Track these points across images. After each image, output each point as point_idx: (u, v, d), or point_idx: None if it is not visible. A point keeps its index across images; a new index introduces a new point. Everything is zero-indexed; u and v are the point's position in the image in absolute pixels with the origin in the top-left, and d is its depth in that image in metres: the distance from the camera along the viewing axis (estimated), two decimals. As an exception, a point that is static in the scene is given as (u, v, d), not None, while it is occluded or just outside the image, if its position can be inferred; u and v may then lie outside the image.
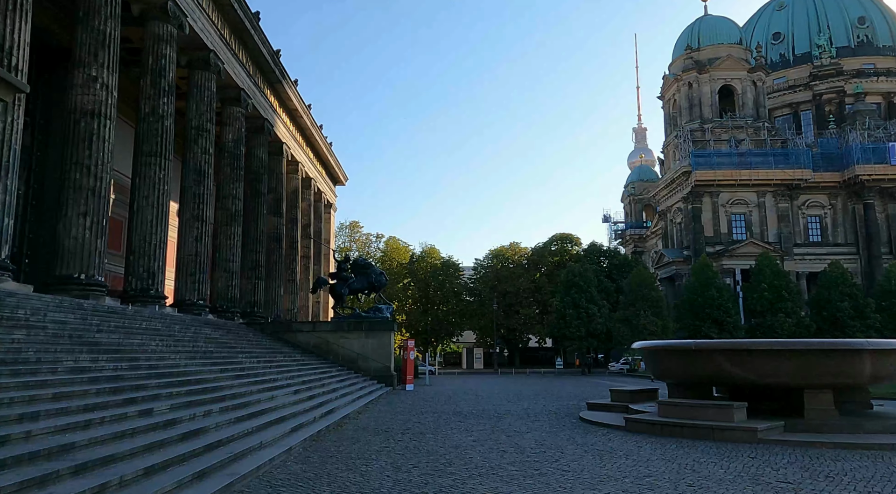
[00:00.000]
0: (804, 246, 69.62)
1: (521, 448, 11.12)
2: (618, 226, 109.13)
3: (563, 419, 15.93)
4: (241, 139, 31.38)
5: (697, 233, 68.86)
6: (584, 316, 52.59)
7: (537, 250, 73.67)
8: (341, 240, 79.86)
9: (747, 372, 12.92)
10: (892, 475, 8.50)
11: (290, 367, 21.23)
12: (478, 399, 23.73)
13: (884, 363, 12.68)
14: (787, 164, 68.56)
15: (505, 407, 19.62)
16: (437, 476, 8.59)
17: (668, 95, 78.63)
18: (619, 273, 63.37)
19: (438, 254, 76.09)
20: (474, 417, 16.66)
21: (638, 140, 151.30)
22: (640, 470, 8.84)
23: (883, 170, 67.25)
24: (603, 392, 27.17)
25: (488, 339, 71.42)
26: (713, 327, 50.72)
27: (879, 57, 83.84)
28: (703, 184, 68.62)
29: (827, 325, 50.65)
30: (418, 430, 13.84)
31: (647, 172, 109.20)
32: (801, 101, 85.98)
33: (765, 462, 9.45)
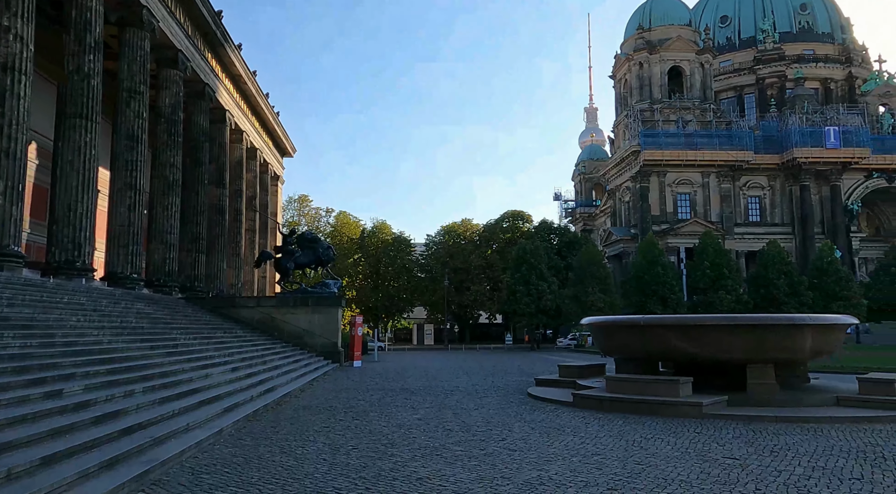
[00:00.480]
0: (744, 225, 72.04)
1: (468, 426, 10.76)
2: (568, 205, 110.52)
3: (512, 395, 15.73)
4: (180, 104, 29.61)
5: (644, 211, 70.22)
6: (534, 293, 52.99)
7: (489, 227, 73.72)
8: (290, 214, 77.85)
9: (694, 347, 12.92)
10: (832, 449, 8.52)
11: (230, 344, 20.31)
12: (426, 375, 23.41)
13: (823, 338, 12.89)
14: (731, 146, 70.37)
15: (453, 384, 19.33)
16: (377, 458, 8.11)
17: (620, 75, 79.26)
18: (569, 250, 64.09)
19: (390, 230, 75.22)
20: (421, 394, 16.28)
21: (589, 119, 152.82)
22: (587, 448, 8.59)
23: (819, 154, 69.85)
24: (551, 367, 27.33)
25: (439, 316, 71.41)
26: (658, 303, 51.97)
27: (819, 43, 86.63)
28: (651, 164, 69.80)
29: (764, 302, 52.63)
30: (362, 408, 13.34)
31: (598, 151, 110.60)
32: (745, 84, 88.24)
33: (710, 438, 9.37)
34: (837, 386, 14.16)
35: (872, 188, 73.77)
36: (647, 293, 52.71)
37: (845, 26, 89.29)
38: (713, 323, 12.82)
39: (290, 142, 53.32)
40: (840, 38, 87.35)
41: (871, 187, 73.69)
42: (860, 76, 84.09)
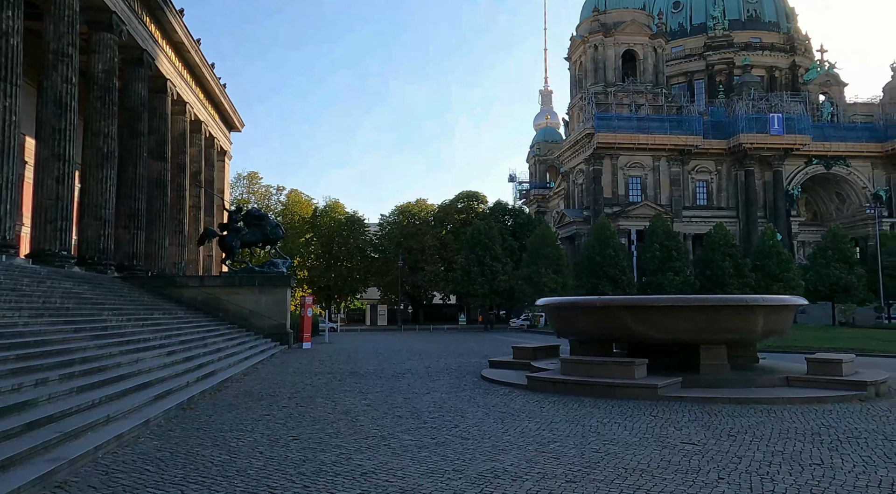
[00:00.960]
0: (692, 208, 73.74)
1: (419, 411, 10.25)
2: (523, 186, 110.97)
3: (465, 377, 15.32)
4: (114, 70, 27.63)
5: (597, 194, 70.97)
6: (488, 274, 52.92)
7: (444, 207, 73.16)
8: (238, 192, 75.28)
9: (650, 329, 12.75)
10: (788, 431, 8.39)
11: (168, 326, 19.17)
12: (378, 357, 22.82)
13: (774, 318, 12.92)
14: (681, 131, 71.59)
15: (405, 366, 18.82)
16: (319, 450, 7.48)
17: (575, 57, 79.32)
18: (523, 231, 64.26)
19: (343, 209, 73.76)
20: (372, 377, 15.70)
21: (544, 102, 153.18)
22: (543, 435, 8.19)
23: (763, 140, 71.85)
24: (505, 348, 27.14)
25: (393, 296, 70.78)
26: (609, 284, 52.72)
27: (765, 32, 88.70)
28: (604, 147, 70.40)
29: (710, 283, 54.11)
30: (308, 394, 12.65)
31: (552, 134, 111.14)
32: (695, 70, 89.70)
33: (667, 421, 9.14)
34: (785, 365, 14.32)
35: (812, 174, 76.57)
36: (599, 274, 53.40)
37: (790, 16, 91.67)
38: (668, 305, 12.67)
39: (237, 116, 51.15)
40: (785, 28, 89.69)
41: (810, 173, 76.48)
42: (803, 65, 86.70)
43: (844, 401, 10.81)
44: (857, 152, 75.49)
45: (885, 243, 59.05)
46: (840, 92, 79.44)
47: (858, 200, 77.11)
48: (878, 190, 75.47)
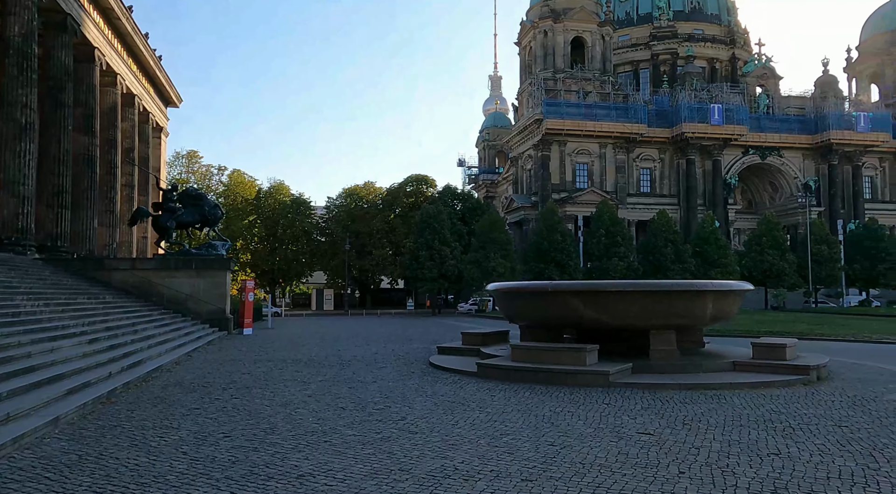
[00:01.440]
0: (636, 195, 75.33)
1: (364, 403, 9.67)
2: (472, 171, 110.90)
3: (413, 365, 14.82)
4: (33, 35, 25.43)
5: (545, 180, 71.45)
6: (436, 258, 52.49)
7: (392, 191, 72.10)
8: (177, 171, 71.99)
9: (601, 314, 12.54)
10: (740, 418, 8.27)
11: (93, 311, 17.82)
12: (323, 343, 22.04)
13: (723, 303, 12.95)
14: (627, 119, 72.71)
15: (351, 353, 18.16)
16: (252, 449, 6.81)
17: (525, 42, 79.20)
18: (472, 216, 64.07)
19: (288, 191, 71.62)
20: (315, 365, 14.99)
21: (493, 87, 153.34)
22: (496, 428, 7.77)
23: (704, 129, 73.83)
24: (453, 334, 26.78)
25: (339, 280, 69.50)
26: (556, 270, 53.23)
27: (707, 23, 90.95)
28: (552, 133, 70.81)
29: (652, 269, 55.41)
30: (245, 384, 11.86)
31: (502, 119, 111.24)
32: (640, 60, 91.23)
33: (620, 410, 8.90)
34: (730, 350, 14.45)
35: (748, 164, 79.43)
36: (547, 259, 53.82)
37: (731, 9, 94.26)
38: (620, 290, 12.49)
39: (174, 91, 48.51)
40: (726, 20, 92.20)
41: (746, 163, 79.29)
42: (742, 58, 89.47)
43: (789, 386, 10.89)
44: (789, 143, 78.71)
45: (814, 231, 61.89)
46: (776, 85, 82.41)
47: (790, 190, 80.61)
48: (808, 180, 79.06)
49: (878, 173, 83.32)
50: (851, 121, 78.00)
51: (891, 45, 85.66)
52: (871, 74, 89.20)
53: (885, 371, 13.09)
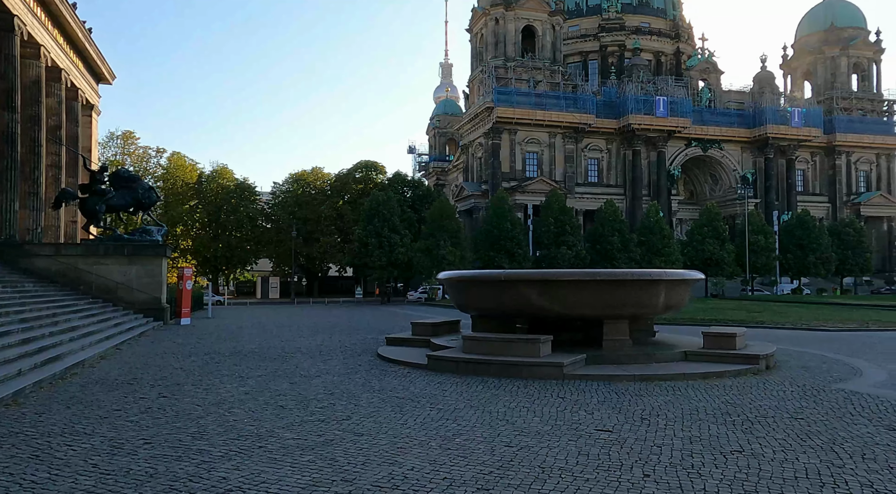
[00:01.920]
0: (584, 185, 76.31)
1: (306, 400, 9.01)
2: (422, 158, 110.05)
3: (360, 357, 14.18)
4: (-59, -3, 23.10)
5: (496, 168, 71.43)
6: (386, 246, 51.65)
7: (341, 177, 70.57)
8: (111, 152, 68.25)
9: (555, 304, 12.23)
10: (697, 411, 8.08)
11: (8, 301, 16.34)
12: (265, 334, 21.08)
13: (675, 293, 12.87)
14: (576, 109, 73.31)
15: (295, 344, 17.35)
16: (175, 458, 6.08)
17: (476, 29, 78.62)
18: (422, 204, 63.41)
19: (232, 176, 69.07)
20: (255, 358, 14.16)
21: (444, 75, 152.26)
22: (448, 426, 7.28)
23: (650, 121, 75.27)
24: (402, 323, 26.22)
25: (286, 268, 67.71)
26: (505, 258, 53.32)
27: (653, 17, 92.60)
28: (503, 121, 70.74)
29: (599, 257, 56.25)
30: (176, 380, 10.96)
31: (452, 106, 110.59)
32: (589, 51, 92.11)
33: (577, 404, 8.57)
34: (680, 339, 14.46)
35: (691, 156, 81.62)
36: (496, 247, 53.82)
37: (676, 3, 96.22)
38: (575, 279, 12.20)
39: (106, 66, 45.56)
40: (671, 15, 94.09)
41: (689, 155, 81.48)
42: (686, 52, 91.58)
43: (740, 375, 10.87)
44: (729, 137, 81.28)
45: (751, 222, 64.21)
46: (717, 79, 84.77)
47: (729, 181, 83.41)
48: (746, 172, 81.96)
49: (810, 167, 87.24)
50: (786, 116, 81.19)
51: (822, 44, 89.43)
52: (804, 72, 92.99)
53: (827, 358, 13.34)
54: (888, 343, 16.94)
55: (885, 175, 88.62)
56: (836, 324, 21.80)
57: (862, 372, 11.35)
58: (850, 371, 11.50)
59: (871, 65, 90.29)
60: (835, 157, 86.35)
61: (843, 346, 16.00)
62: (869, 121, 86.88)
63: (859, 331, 20.20)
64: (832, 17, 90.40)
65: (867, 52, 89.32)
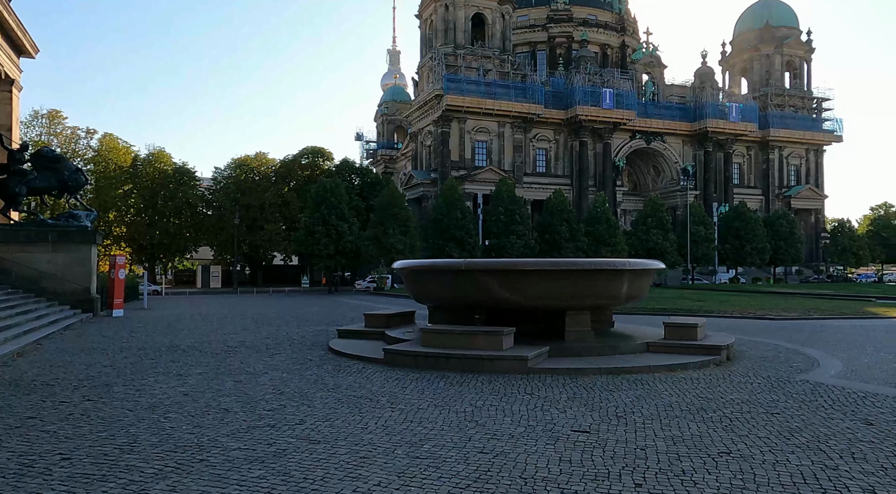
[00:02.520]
0: (532, 175, 76.78)
1: (253, 401, 8.20)
2: (370, 146, 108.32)
3: (310, 351, 13.36)
4: None
5: (445, 156, 70.88)
6: (333, 234, 50.33)
7: (286, 163, 68.38)
8: (36, 132, 63.81)
9: (517, 294, 11.76)
10: (671, 407, 7.78)
11: (-89, 294, 14.62)
12: (207, 326, 19.87)
13: (638, 283, 12.64)
14: (525, 99, 73.45)
15: (239, 337, 16.32)
16: (97, 478, 5.21)
17: (426, 15, 77.52)
18: (371, 191, 62.23)
19: (170, 160, 65.82)
20: (196, 353, 13.13)
21: (392, 62, 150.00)
22: (413, 430, 6.66)
23: (597, 113, 76.32)
24: (353, 313, 25.42)
25: (228, 256, 65.23)
26: (455, 247, 52.96)
27: (600, 10, 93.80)
28: (453, 109, 70.16)
29: (548, 247, 56.67)
30: (104, 380, 9.90)
31: (401, 94, 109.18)
32: (538, 41, 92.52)
33: (546, 401, 8.11)
34: (640, 330, 14.30)
35: (635, 148, 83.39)
36: (446, 236, 53.37)
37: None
38: (539, 269, 11.74)
39: (28, 38, 42.10)
40: (618, 8, 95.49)
41: (633, 147, 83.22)
42: (631, 45, 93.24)
43: (704, 367, 10.71)
44: (671, 130, 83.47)
45: (693, 213, 66.15)
46: (661, 73, 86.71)
47: (671, 174, 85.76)
48: (687, 165, 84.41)
49: (745, 160, 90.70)
50: (725, 111, 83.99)
51: (759, 41, 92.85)
52: (741, 68, 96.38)
53: (782, 348, 13.45)
54: (833, 331, 17.41)
55: (813, 169, 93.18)
56: (780, 313, 22.41)
57: (819, 362, 11.42)
58: (807, 361, 11.56)
59: (803, 63, 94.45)
60: (768, 152, 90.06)
61: (791, 335, 16.30)
62: (800, 118, 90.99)
63: (802, 319, 20.80)
64: (767, 15, 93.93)
65: (799, 51, 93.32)
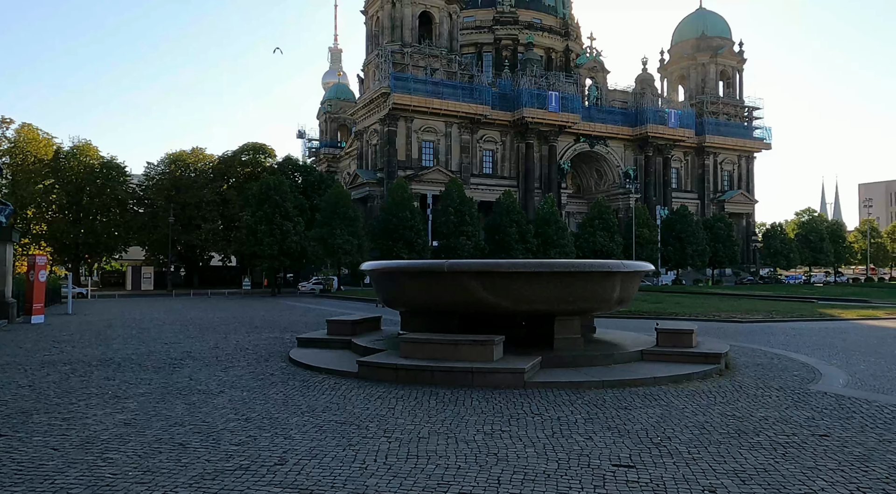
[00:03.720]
0: (479, 176, 76.40)
1: (215, 432, 6.76)
2: (312, 144, 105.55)
3: (269, 363, 11.87)
4: None
5: (392, 155, 69.47)
6: (277, 233, 48.05)
7: (225, 159, 65.19)
8: (-57, 122, 58.26)
9: (503, 298, 10.70)
10: (705, 429, 6.93)
11: None
12: (143, 334, 17.86)
13: (629, 285, 11.84)
14: (472, 99, 72.95)
15: (183, 347, 14.55)
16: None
17: (372, 11, 75.84)
18: (315, 190, 60.11)
19: (96, 153, 61.51)
20: (135, 367, 11.39)
21: (334, 60, 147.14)
22: (425, 471, 5.43)
23: (543, 115, 76.76)
24: (304, 318, 23.79)
25: (161, 257, 61.47)
26: (404, 248, 51.70)
27: (545, 14, 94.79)
28: (400, 108, 68.87)
29: (497, 248, 56.23)
30: (20, 406, 8.15)
31: (345, 92, 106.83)
32: (484, 42, 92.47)
33: (561, 424, 7.07)
34: (620, 335, 13.52)
35: (579, 151, 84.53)
36: (395, 237, 52.04)
37: (566, 2, 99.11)
38: (526, 271, 10.69)
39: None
40: (562, 13, 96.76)
41: (578, 150, 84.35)
42: (574, 50, 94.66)
43: (708, 377, 9.97)
44: (614, 134, 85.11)
45: (638, 216, 67.36)
46: (604, 78, 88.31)
47: (613, 177, 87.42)
48: (629, 168, 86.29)
49: (683, 165, 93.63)
50: (664, 116, 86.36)
51: (695, 50, 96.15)
52: (679, 76, 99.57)
53: (770, 353, 12.99)
54: (807, 335, 17.26)
55: (744, 175, 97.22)
56: (744, 316, 22.32)
57: (818, 370, 10.92)
58: (805, 369, 11.05)
59: (736, 73, 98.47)
60: (704, 157, 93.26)
61: (769, 339, 16.01)
62: (733, 126, 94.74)
63: (769, 322, 20.73)
64: (703, 26, 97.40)
65: (732, 61, 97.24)
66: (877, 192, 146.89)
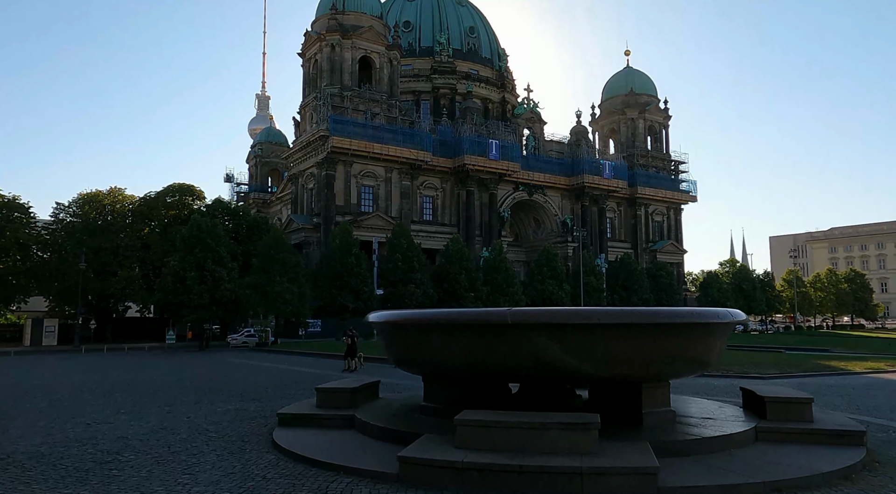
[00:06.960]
0: (420, 223, 74.25)
1: None
2: (241, 188, 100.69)
3: (246, 453, 8.48)
4: None
5: (329, 200, 66.39)
6: (209, 280, 43.24)
7: (148, 200, 59.57)
8: None
9: (584, 359, 8.00)
10: None
11: None
12: (54, 408, 13.66)
13: (724, 339, 9.43)
14: (413, 145, 71.57)
15: (116, 429, 10.74)
16: None
17: (310, 54, 73.80)
18: (248, 235, 55.69)
19: (-5, 192, 54.53)
20: (45, 469, 7.72)
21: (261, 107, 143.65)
22: None
23: (484, 163, 76.27)
24: (259, 379, 19.70)
25: (68, 308, 54.38)
26: (349, 296, 48.11)
27: (482, 65, 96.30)
28: (338, 152, 66.34)
29: (447, 296, 53.56)
30: None
31: (277, 135, 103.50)
32: (422, 90, 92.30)
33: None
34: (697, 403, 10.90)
35: (518, 199, 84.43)
36: (339, 284, 48.41)
37: (502, 55, 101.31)
38: (623, 322, 8.01)
39: None
40: (497, 65, 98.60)
41: (517, 198, 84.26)
42: (510, 101, 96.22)
43: (871, 469, 7.53)
44: (551, 183, 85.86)
45: (584, 263, 66.90)
46: (541, 128, 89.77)
47: (551, 226, 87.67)
48: (566, 217, 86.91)
49: (617, 215, 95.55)
50: (599, 167, 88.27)
51: (624, 106, 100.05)
52: (610, 129, 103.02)
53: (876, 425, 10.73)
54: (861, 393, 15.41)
55: (673, 226, 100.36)
56: (762, 372, 19.61)
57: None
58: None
59: (662, 128, 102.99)
60: (636, 208, 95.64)
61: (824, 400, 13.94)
62: (661, 178, 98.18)
63: (788, 377, 18.66)
64: (631, 83, 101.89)
65: (658, 117, 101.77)
66: (784, 245, 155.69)
